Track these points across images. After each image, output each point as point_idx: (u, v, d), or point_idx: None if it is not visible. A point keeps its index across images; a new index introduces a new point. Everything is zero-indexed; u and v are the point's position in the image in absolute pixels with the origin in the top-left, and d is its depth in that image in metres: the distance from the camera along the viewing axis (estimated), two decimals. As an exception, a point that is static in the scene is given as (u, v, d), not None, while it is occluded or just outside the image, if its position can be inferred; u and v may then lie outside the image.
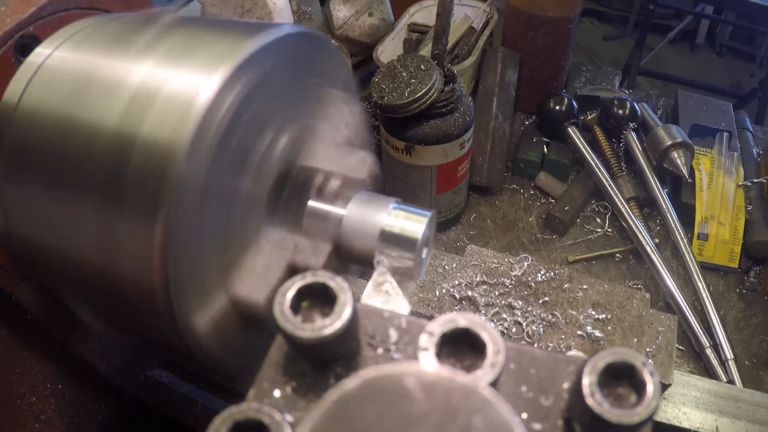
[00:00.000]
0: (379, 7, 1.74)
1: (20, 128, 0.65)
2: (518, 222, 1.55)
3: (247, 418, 0.39)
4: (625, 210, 1.45)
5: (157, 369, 1.17)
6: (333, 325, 0.40)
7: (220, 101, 0.58)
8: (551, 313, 1.00)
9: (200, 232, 0.61)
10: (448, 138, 1.29)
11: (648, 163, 1.51)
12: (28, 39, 0.78)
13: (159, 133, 0.57)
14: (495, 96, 1.59)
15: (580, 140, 1.56)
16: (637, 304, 1.02)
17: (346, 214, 0.71)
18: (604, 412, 0.38)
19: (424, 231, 0.69)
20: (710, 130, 1.60)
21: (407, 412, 0.30)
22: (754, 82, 3.56)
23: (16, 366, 0.92)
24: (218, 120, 0.58)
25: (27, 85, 0.66)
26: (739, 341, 1.29)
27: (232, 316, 0.70)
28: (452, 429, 0.29)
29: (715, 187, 1.47)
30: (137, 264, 0.59)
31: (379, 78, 1.27)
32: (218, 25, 0.71)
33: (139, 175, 0.58)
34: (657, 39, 4.44)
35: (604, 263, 1.45)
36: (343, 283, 0.42)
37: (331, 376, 0.45)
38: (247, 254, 0.68)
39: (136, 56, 0.64)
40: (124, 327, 0.77)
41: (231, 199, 0.64)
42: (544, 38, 1.62)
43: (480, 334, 0.40)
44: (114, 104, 0.61)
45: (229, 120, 0.59)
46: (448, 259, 1.11)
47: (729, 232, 1.41)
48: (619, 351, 0.40)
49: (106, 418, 1.08)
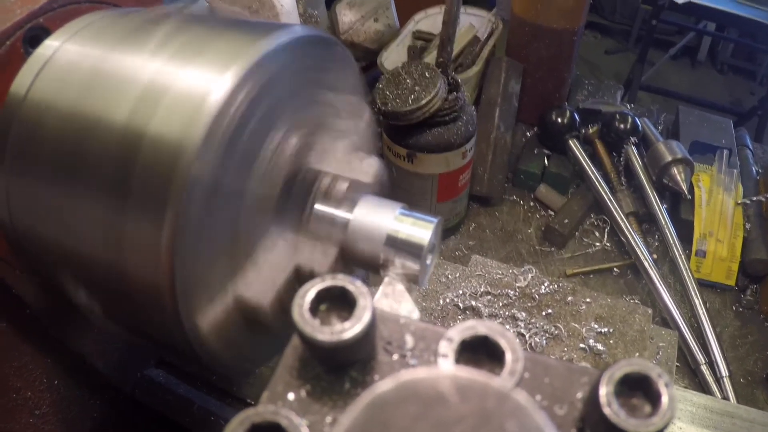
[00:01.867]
0: (385, 13, 1.74)
1: (28, 121, 0.65)
2: (517, 233, 1.55)
3: (264, 421, 0.39)
4: (624, 224, 1.45)
5: (153, 368, 1.17)
6: (353, 329, 0.40)
7: (231, 101, 0.58)
8: (554, 326, 1.00)
9: (208, 232, 0.61)
10: (450, 146, 1.29)
11: (648, 178, 1.52)
12: (38, 30, 0.78)
13: (169, 131, 0.57)
14: (498, 106, 1.60)
15: (581, 153, 1.57)
16: (639, 318, 1.02)
17: (353, 218, 0.71)
18: (620, 422, 0.38)
19: (430, 237, 0.69)
20: (710, 147, 1.61)
21: (442, 416, 0.30)
22: (754, 100, 3.58)
23: (13, 360, 0.92)
24: (229, 120, 0.58)
25: (36, 78, 0.66)
26: (734, 359, 1.29)
27: (236, 317, 0.70)
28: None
29: (714, 204, 1.48)
30: (143, 262, 0.59)
31: (383, 84, 1.27)
32: (230, 24, 0.71)
33: (147, 173, 0.58)
34: (659, 54, 4.47)
35: (602, 277, 1.45)
36: (362, 287, 0.42)
37: (347, 380, 0.44)
38: (254, 256, 0.68)
39: (147, 53, 0.64)
40: (127, 324, 0.76)
41: (239, 200, 0.64)
42: (547, 49, 1.62)
43: (499, 342, 0.40)
44: (123, 100, 0.61)
45: (239, 120, 0.59)
46: (451, 269, 1.11)
47: (727, 249, 1.42)
48: (636, 362, 0.40)
49: (101, 414, 1.08)
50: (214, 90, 0.57)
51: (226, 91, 0.58)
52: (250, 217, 0.66)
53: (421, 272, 0.70)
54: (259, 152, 0.65)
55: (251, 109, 0.61)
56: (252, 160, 0.64)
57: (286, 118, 0.68)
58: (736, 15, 3.02)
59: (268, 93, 0.63)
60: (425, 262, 0.70)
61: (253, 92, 0.61)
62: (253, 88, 0.60)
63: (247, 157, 0.63)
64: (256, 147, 0.64)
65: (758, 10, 3.03)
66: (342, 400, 0.44)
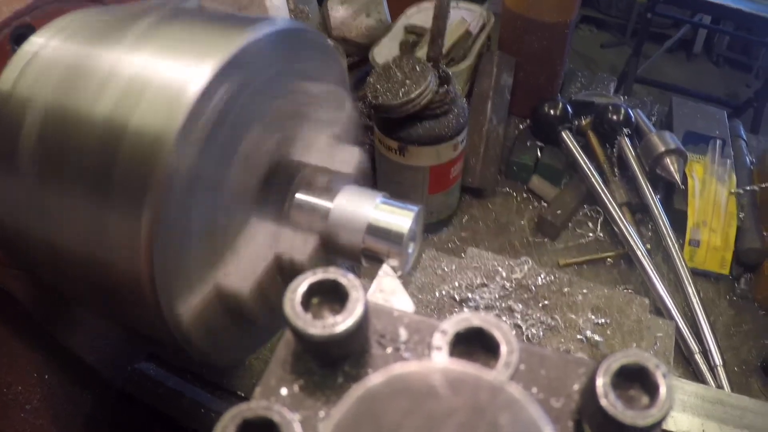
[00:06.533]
0: (377, 8, 1.73)
1: (13, 117, 0.65)
2: (510, 225, 1.55)
3: (256, 416, 0.38)
4: (617, 215, 1.45)
5: (144, 362, 1.17)
6: (345, 322, 0.40)
7: (210, 92, 0.58)
8: (551, 317, 1.00)
9: (188, 222, 0.61)
10: (441, 139, 1.29)
11: (641, 168, 1.52)
12: (24, 28, 0.78)
13: (149, 123, 0.58)
14: (490, 99, 1.59)
15: (574, 145, 1.57)
16: (636, 309, 1.02)
17: (333, 207, 0.72)
18: (617, 414, 0.38)
19: (410, 225, 0.70)
20: (704, 138, 1.61)
21: (434, 409, 0.30)
22: (750, 93, 3.58)
23: (3, 355, 0.92)
24: (208, 111, 0.59)
25: (21, 74, 0.66)
26: (728, 347, 1.29)
27: (217, 307, 0.71)
28: (480, 426, 0.29)
29: (708, 194, 1.48)
30: (124, 253, 0.59)
31: (374, 78, 1.27)
32: (213, 18, 0.71)
33: (128, 164, 0.58)
34: (654, 47, 4.47)
35: (595, 267, 1.45)
36: (354, 280, 0.42)
37: (340, 374, 0.44)
38: (234, 245, 0.69)
39: (130, 47, 0.64)
40: (112, 316, 0.78)
41: (219, 190, 0.64)
42: (540, 43, 1.62)
43: (494, 334, 0.40)
44: (106, 94, 0.61)
45: (219, 111, 0.60)
46: (447, 261, 1.10)
47: (720, 238, 1.42)
48: (633, 353, 0.40)
49: (92, 409, 1.08)
50: (192, 82, 0.58)
51: (204, 83, 0.58)
52: (230, 208, 0.66)
53: (402, 260, 0.70)
54: (240, 143, 0.66)
55: (231, 101, 0.61)
56: (232, 151, 0.65)
57: (266, 110, 0.68)
58: (731, 7, 3.02)
59: (248, 84, 0.64)
60: (406, 249, 0.71)
61: (233, 84, 0.61)
62: (232, 80, 0.61)
63: (227, 148, 0.64)
64: (237, 138, 0.65)
65: (752, 2, 3.03)
66: (335, 395, 0.43)
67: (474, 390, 0.30)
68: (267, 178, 0.70)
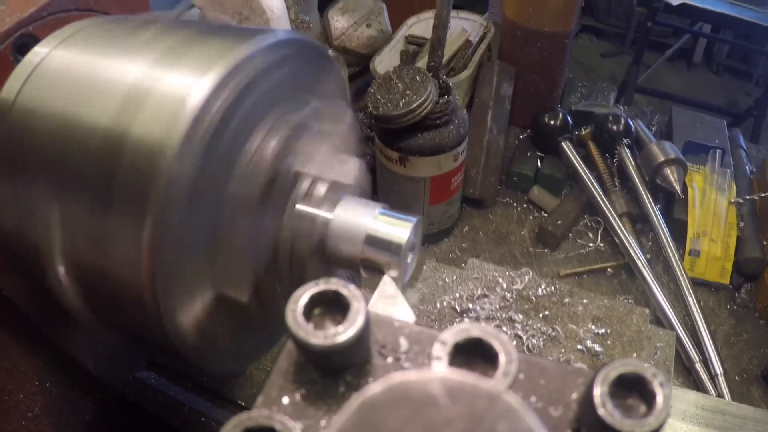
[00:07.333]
0: (377, 19, 1.74)
1: (16, 126, 0.66)
2: (510, 235, 1.55)
3: (257, 425, 0.38)
4: (617, 225, 1.46)
5: (144, 371, 1.17)
6: (347, 332, 0.40)
7: (210, 103, 0.59)
8: (551, 327, 1.00)
9: (188, 231, 0.62)
10: (441, 149, 1.29)
11: (641, 179, 1.52)
12: (27, 38, 0.79)
13: (150, 133, 0.58)
14: (490, 109, 1.60)
15: (574, 155, 1.57)
16: (636, 319, 1.02)
17: (333, 218, 0.72)
18: (615, 423, 0.38)
19: (409, 236, 0.70)
20: (704, 147, 1.61)
21: (433, 418, 0.30)
22: (750, 101, 3.59)
23: (4, 361, 0.92)
24: (208, 121, 0.59)
25: (24, 84, 0.67)
26: (729, 357, 1.30)
27: (217, 314, 0.71)
28: (478, 436, 0.29)
29: (708, 203, 1.48)
30: (125, 262, 0.60)
31: (375, 89, 1.27)
32: (214, 29, 0.72)
33: (129, 175, 0.59)
34: (654, 57, 4.47)
35: (596, 278, 1.45)
36: (356, 290, 0.42)
37: (341, 384, 0.44)
38: (234, 254, 0.69)
39: (131, 58, 0.65)
40: (113, 324, 0.78)
41: (219, 201, 0.65)
42: (540, 53, 1.63)
43: (493, 344, 0.40)
44: (108, 104, 0.62)
45: (219, 122, 0.60)
46: (448, 272, 1.11)
47: (721, 248, 1.42)
48: (631, 362, 0.40)
49: (92, 416, 1.08)
50: (194, 92, 0.59)
51: (205, 93, 0.59)
52: (230, 217, 0.67)
53: (400, 270, 0.71)
54: (240, 153, 0.66)
55: (231, 111, 0.62)
56: (232, 161, 0.65)
57: (266, 120, 0.69)
58: (731, 16, 3.02)
59: (248, 95, 0.64)
60: (405, 260, 0.72)
61: (233, 94, 0.62)
62: (233, 90, 0.61)
63: (228, 158, 0.64)
64: (237, 148, 0.65)
65: (752, 11, 3.03)
66: (337, 404, 0.43)
67: (472, 399, 0.31)
68: (267, 189, 0.70)
